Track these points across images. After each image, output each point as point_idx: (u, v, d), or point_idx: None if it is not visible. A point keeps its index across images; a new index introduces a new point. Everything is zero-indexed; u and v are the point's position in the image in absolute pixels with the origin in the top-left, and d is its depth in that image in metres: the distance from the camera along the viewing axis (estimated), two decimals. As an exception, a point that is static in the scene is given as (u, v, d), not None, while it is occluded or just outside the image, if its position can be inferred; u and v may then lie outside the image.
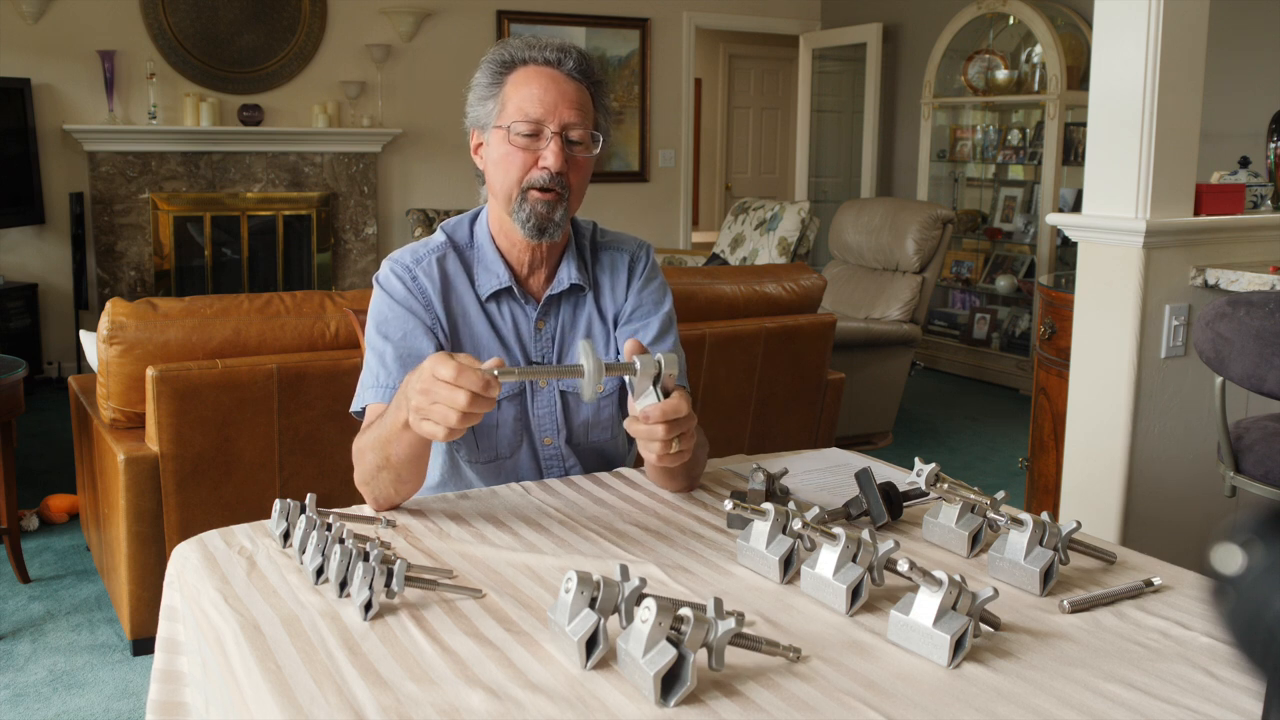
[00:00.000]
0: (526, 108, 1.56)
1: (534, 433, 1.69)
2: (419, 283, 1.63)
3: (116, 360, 2.63)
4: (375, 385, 1.58)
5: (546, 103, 1.56)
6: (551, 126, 1.56)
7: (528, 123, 1.56)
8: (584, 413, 1.71)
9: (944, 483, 1.40)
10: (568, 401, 1.69)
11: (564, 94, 1.58)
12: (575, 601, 1.05)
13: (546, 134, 1.57)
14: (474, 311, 1.66)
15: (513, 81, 1.59)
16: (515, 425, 1.67)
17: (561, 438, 1.70)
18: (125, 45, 5.90)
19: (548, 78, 1.58)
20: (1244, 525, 0.50)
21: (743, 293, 3.40)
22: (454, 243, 1.69)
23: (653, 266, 1.78)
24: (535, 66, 1.60)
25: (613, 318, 1.73)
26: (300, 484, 2.70)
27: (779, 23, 7.78)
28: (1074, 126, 5.81)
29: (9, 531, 3.15)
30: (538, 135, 1.57)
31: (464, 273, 1.67)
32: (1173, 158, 2.58)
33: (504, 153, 1.59)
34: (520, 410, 1.68)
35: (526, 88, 1.58)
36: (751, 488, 1.47)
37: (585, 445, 1.73)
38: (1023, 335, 6.04)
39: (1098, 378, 2.72)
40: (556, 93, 1.57)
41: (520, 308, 1.68)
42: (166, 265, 6.04)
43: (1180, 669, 1.08)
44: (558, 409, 1.69)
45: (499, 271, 1.66)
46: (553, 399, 1.69)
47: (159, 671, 1.34)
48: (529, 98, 1.57)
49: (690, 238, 7.82)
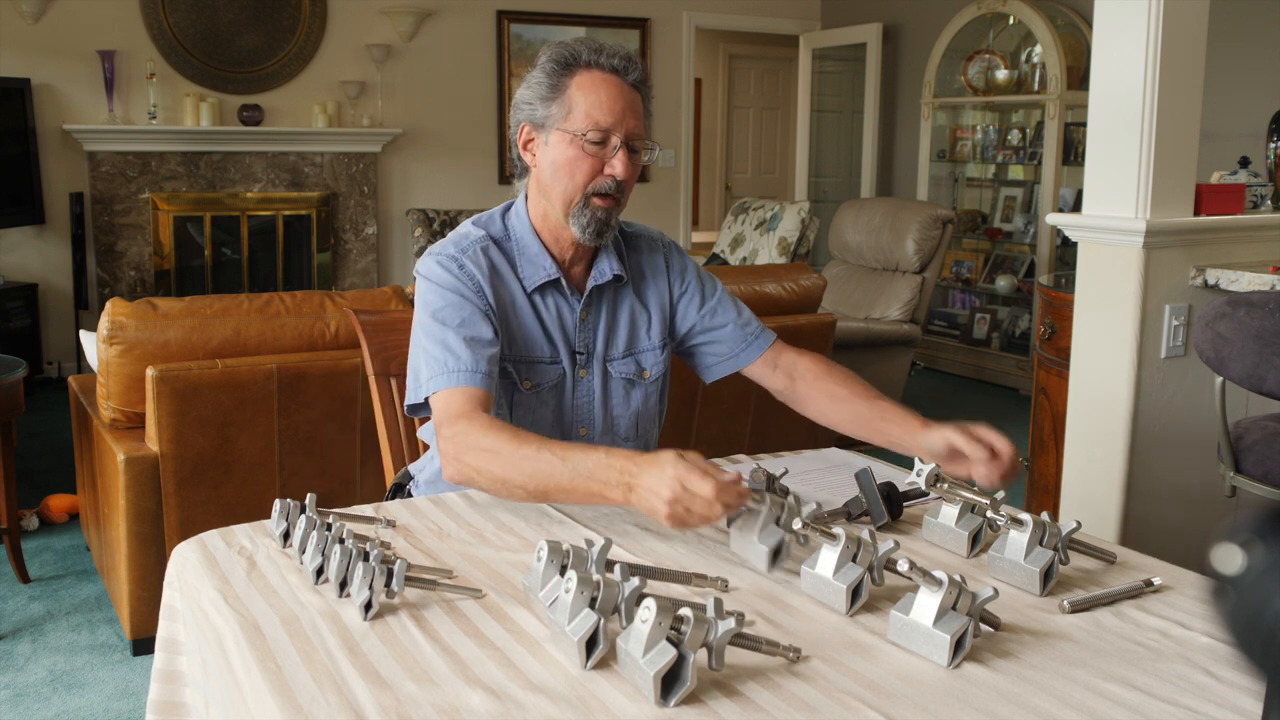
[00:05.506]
0: (597, 116, 1.58)
1: (568, 423, 1.71)
2: (467, 270, 1.63)
3: (116, 360, 2.63)
4: (446, 371, 1.54)
5: (616, 112, 1.58)
6: (618, 136, 1.59)
7: (599, 131, 1.58)
8: (634, 401, 1.74)
9: (944, 483, 1.40)
10: (610, 390, 1.72)
11: (630, 104, 1.60)
12: (575, 601, 1.05)
13: (614, 143, 1.59)
14: (521, 301, 1.68)
15: (578, 85, 1.60)
16: (552, 415, 1.70)
17: (597, 429, 1.72)
18: (125, 45, 5.90)
19: (616, 86, 1.60)
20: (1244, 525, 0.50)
21: (743, 293, 3.40)
22: (491, 236, 1.69)
23: (678, 249, 1.84)
24: (601, 73, 1.60)
25: (661, 305, 1.78)
26: (300, 484, 2.70)
27: (779, 23, 7.78)
28: (1074, 126, 5.81)
29: (9, 531, 3.15)
30: (604, 144, 1.59)
31: (508, 264, 1.68)
32: (1173, 158, 2.58)
33: (571, 157, 1.60)
34: (558, 400, 1.70)
35: (595, 94, 1.59)
36: (751, 488, 1.47)
37: (630, 439, 1.75)
38: (1023, 335, 6.04)
39: (1098, 378, 2.71)
40: (624, 103, 1.59)
41: (565, 300, 1.70)
42: (166, 265, 6.04)
43: (1180, 669, 1.08)
44: (595, 399, 1.71)
45: (545, 264, 1.68)
46: (591, 388, 1.71)
47: (159, 671, 1.34)
48: (599, 105, 1.58)
49: (690, 238, 7.82)
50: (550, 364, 1.68)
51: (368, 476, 2.82)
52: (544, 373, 1.68)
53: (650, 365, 1.76)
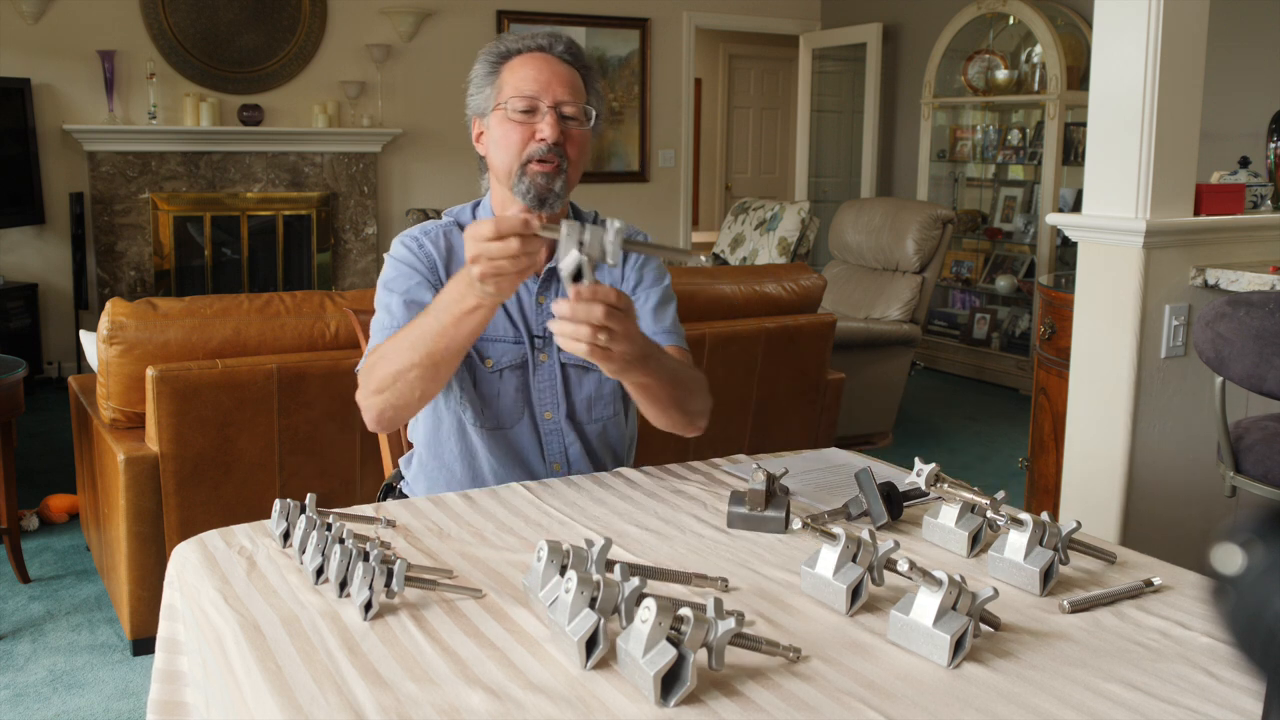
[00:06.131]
0: (522, 86, 1.66)
1: (534, 405, 1.74)
2: (424, 249, 1.73)
3: (116, 360, 2.63)
4: (381, 329, 1.66)
5: (540, 80, 1.66)
6: (546, 102, 1.65)
7: (523, 98, 1.65)
8: (586, 388, 1.75)
9: (944, 483, 1.40)
10: (569, 375, 1.75)
11: (556, 73, 1.67)
12: (575, 601, 1.05)
13: (542, 109, 1.65)
14: None
15: (508, 68, 1.69)
16: (517, 397, 1.73)
17: (562, 413, 1.74)
18: (125, 45, 5.90)
19: (540, 60, 1.68)
20: (1244, 525, 0.50)
21: (743, 293, 3.40)
22: (458, 223, 1.78)
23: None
24: (528, 53, 1.70)
25: None
26: (300, 484, 2.70)
27: (779, 23, 7.78)
28: (1074, 126, 5.81)
29: (9, 531, 3.15)
30: (534, 111, 1.65)
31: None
32: (1173, 158, 2.58)
33: (503, 131, 1.67)
34: (521, 382, 1.73)
35: (522, 70, 1.67)
36: (751, 488, 1.47)
37: (588, 423, 1.77)
38: (1023, 335, 6.04)
39: (1098, 378, 2.72)
40: (550, 72, 1.67)
41: (524, 283, 1.73)
42: (166, 265, 6.04)
43: (1180, 669, 1.08)
44: (558, 382, 1.74)
45: None
46: (553, 372, 1.74)
47: (159, 671, 1.34)
48: (524, 78, 1.66)
49: (690, 238, 7.82)
50: (513, 344, 1.71)
51: (368, 476, 2.82)
52: (503, 351, 1.71)
53: None
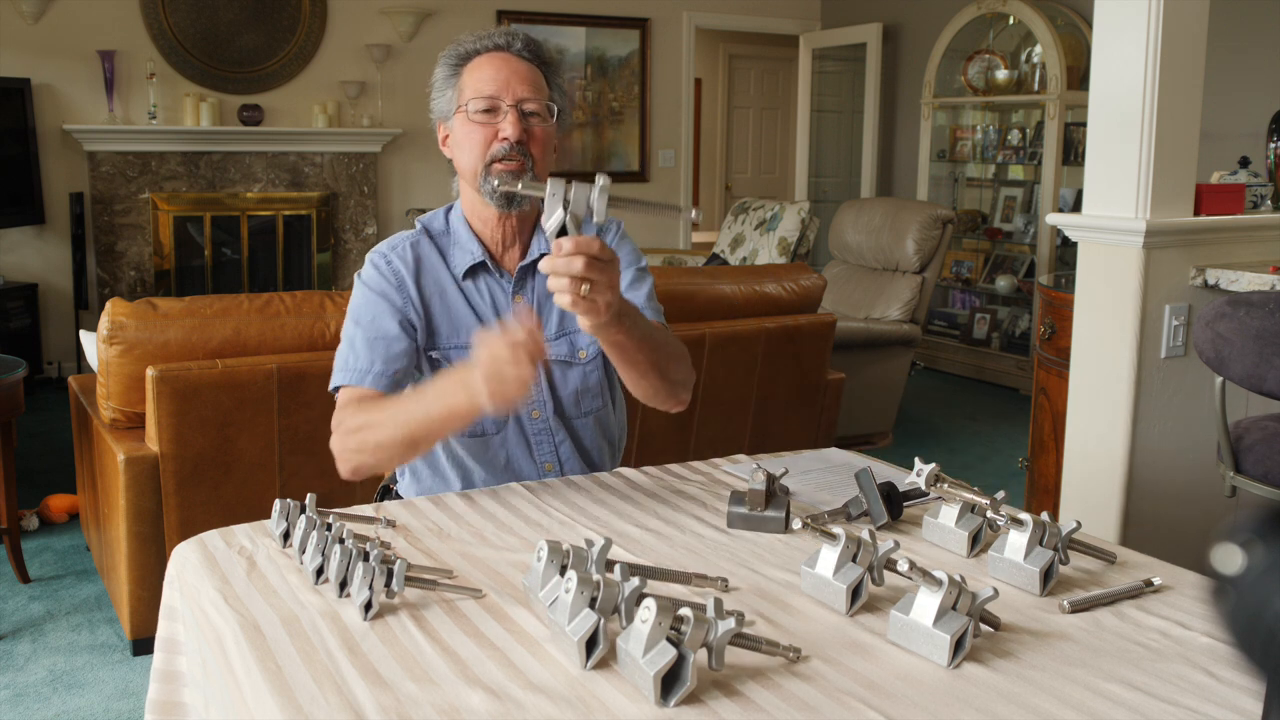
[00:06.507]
0: (481, 87, 1.65)
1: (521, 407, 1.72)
2: (393, 266, 1.71)
3: (116, 360, 2.63)
4: (345, 369, 1.65)
5: (499, 80, 1.65)
6: (507, 100, 1.65)
7: (483, 99, 1.65)
8: (572, 382, 1.74)
9: (944, 483, 1.40)
10: (552, 372, 1.74)
11: (516, 71, 1.67)
12: (575, 601, 1.05)
13: (503, 108, 1.65)
14: (451, 290, 1.72)
15: (468, 70, 1.69)
16: None
17: (549, 409, 1.74)
18: (125, 45, 5.90)
19: (499, 59, 1.68)
20: (1244, 525, 0.50)
21: (743, 293, 3.40)
22: (429, 230, 1.77)
23: (623, 235, 1.83)
24: (486, 54, 1.69)
25: None
26: (300, 484, 2.70)
27: (779, 23, 7.78)
28: (1074, 126, 5.81)
29: (9, 531, 3.15)
30: (495, 110, 1.65)
31: (438, 254, 1.74)
32: (1173, 158, 2.58)
33: (465, 132, 1.67)
34: None
35: (481, 71, 1.67)
36: (751, 488, 1.47)
37: (578, 417, 1.76)
38: (1023, 335, 6.04)
39: (1098, 378, 2.72)
40: (509, 70, 1.66)
41: (497, 283, 1.74)
42: (166, 265, 6.04)
43: (1180, 669, 1.08)
44: (541, 380, 1.73)
45: (472, 248, 1.73)
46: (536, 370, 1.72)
47: (159, 671, 1.34)
48: (483, 78, 1.66)
49: (690, 238, 7.82)
50: None
51: (367, 477, 2.81)
52: None
53: (585, 344, 1.74)
